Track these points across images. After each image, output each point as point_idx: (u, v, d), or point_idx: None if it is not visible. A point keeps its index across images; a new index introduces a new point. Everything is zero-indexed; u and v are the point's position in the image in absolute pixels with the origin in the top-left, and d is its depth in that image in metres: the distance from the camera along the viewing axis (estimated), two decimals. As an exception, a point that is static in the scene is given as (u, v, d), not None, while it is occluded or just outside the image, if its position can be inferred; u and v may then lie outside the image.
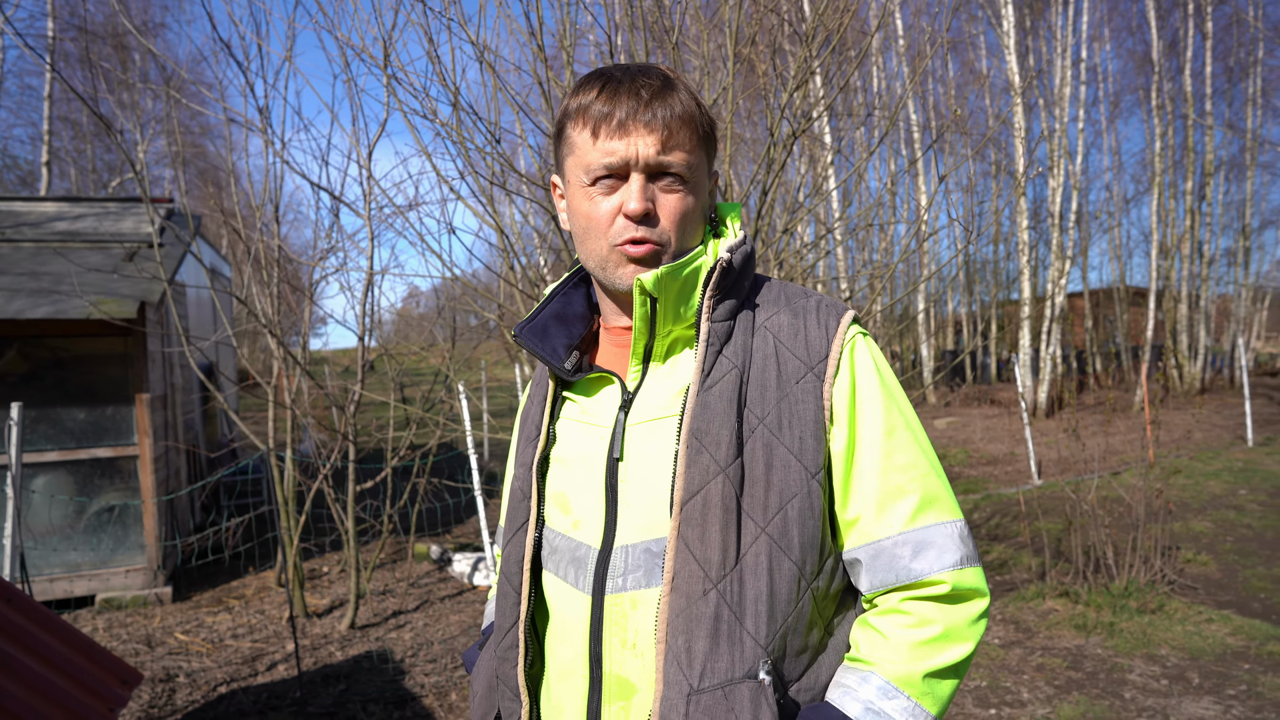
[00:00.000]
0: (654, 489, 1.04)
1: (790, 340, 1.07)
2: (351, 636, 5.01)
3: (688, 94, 1.06)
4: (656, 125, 1.02)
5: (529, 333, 1.15)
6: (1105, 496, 6.34)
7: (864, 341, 1.09)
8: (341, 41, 4.06)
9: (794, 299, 1.12)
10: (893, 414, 1.06)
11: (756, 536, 0.99)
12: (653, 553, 1.03)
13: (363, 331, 5.37)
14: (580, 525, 1.10)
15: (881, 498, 1.03)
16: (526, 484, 1.17)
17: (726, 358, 1.06)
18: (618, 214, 1.05)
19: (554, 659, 1.11)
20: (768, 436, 1.02)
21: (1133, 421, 13.11)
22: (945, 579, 1.00)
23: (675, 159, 1.04)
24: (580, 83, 1.09)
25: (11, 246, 6.51)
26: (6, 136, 18.44)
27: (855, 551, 1.04)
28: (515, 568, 1.15)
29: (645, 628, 1.02)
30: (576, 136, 1.07)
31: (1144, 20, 18.96)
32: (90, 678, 2.45)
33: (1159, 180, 18.43)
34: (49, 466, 5.74)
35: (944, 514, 1.04)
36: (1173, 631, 4.48)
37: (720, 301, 1.08)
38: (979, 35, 19.00)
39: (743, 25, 3.80)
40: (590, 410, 1.14)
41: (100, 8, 16.12)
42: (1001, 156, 19.25)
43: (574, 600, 1.08)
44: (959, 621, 1.01)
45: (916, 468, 1.05)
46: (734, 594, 0.98)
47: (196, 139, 18.46)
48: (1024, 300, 15.41)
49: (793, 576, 0.99)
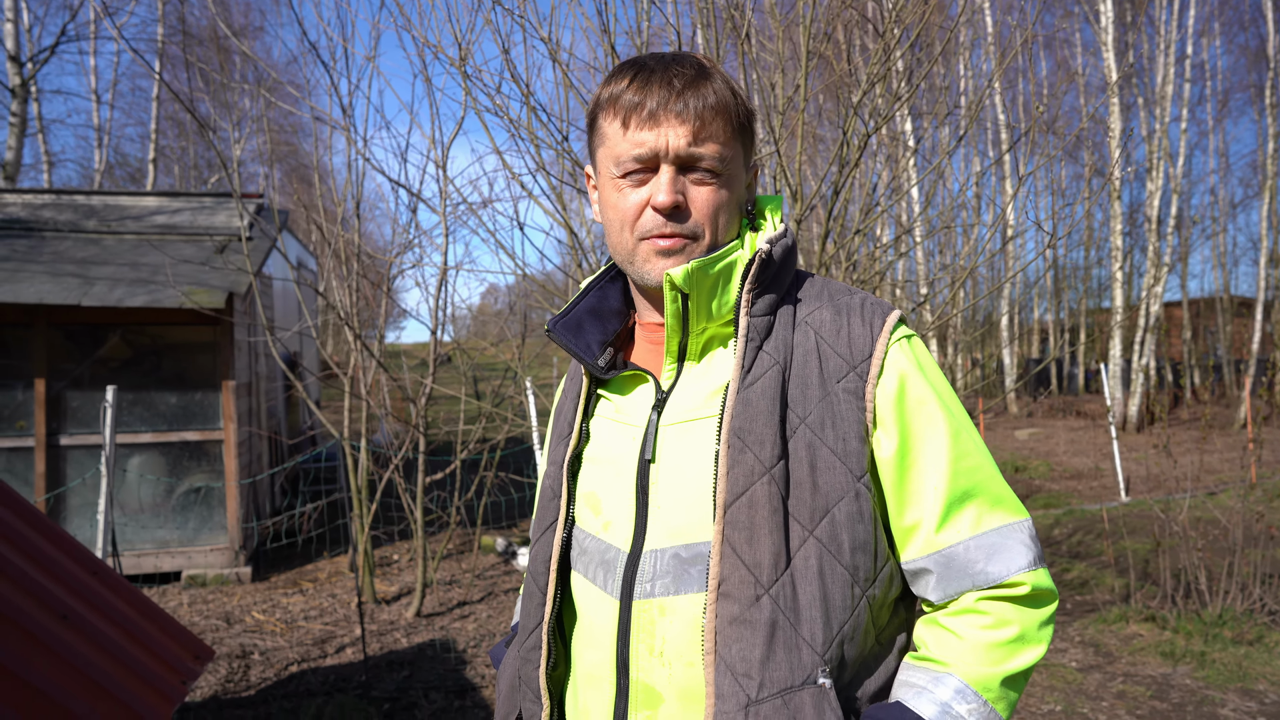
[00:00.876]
0: (685, 492, 1.01)
1: (832, 337, 1.02)
2: (417, 624, 5.12)
3: (723, 83, 1.02)
4: (688, 115, 0.98)
5: (563, 328, 1.12)
6: (1199, 518, 5.98)
7: (911, 343, 1.04)
8: (420, 42, 4.14)
9: (837, 295, 1.07)
10: (952, 418, 1.01)
11: (804, 540, 0.95)
12: (682, 558, 0.99)
13: (435, 326, 5.48)
14: (610, 527, 1.07)
15: (949, 504, 0.98)
16: (557, 482, 1.14)
17: (767, 353, 1.02)
18: (646, 206, 1.02)
19: (580, 663, 1.09)
20: (810, 437, 0.98)
21: (1233, 440, 12.35)
22: (1024, 580, 0.97)
23: (707, 150, 1.00)
24: (613, 72, 1.05)
25: (116, 239, 6.89)
26: (119, 135, 19.60)
27: (922, 560, 0.99)
28: (542, 567, 1.13)
29: (673, 636, 0.98)
30: (607, 127, 1.04)
31: (1259, 13, 17.88)
32: (164, 650, 2.56)
33: (1270, 184, 17.33)
34: (142, 447, 6.05)
35: (1011, 515, 1.00)
36: (1272, 665, 4.19)
37: (759, 295, 1.04)
38: (1074, 32, 18.23)
39: (819, 20, 3.72)
40: (624, 409, 1.11)
41: (204, 12, 16.96)
42: (1096, 158, 18.42)
43: (602, 604, 1.05)
44: (1033, 623, 0.97)
45: (981, 470, 1.00)
46: (787, 599, 0.94)
47: (288, 137, 19.24)
48: (1116, 308, 14.71)
49: (845, 582, 0.95)
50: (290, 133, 19.17)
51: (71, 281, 5.81)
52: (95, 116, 17.24)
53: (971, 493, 0.99)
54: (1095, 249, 21.11)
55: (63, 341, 5.97)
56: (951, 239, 13.71)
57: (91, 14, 15.27)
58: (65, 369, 5.93)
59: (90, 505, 5.87)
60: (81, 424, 5.93)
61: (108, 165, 17.83)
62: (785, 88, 3.72)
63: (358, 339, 5.55)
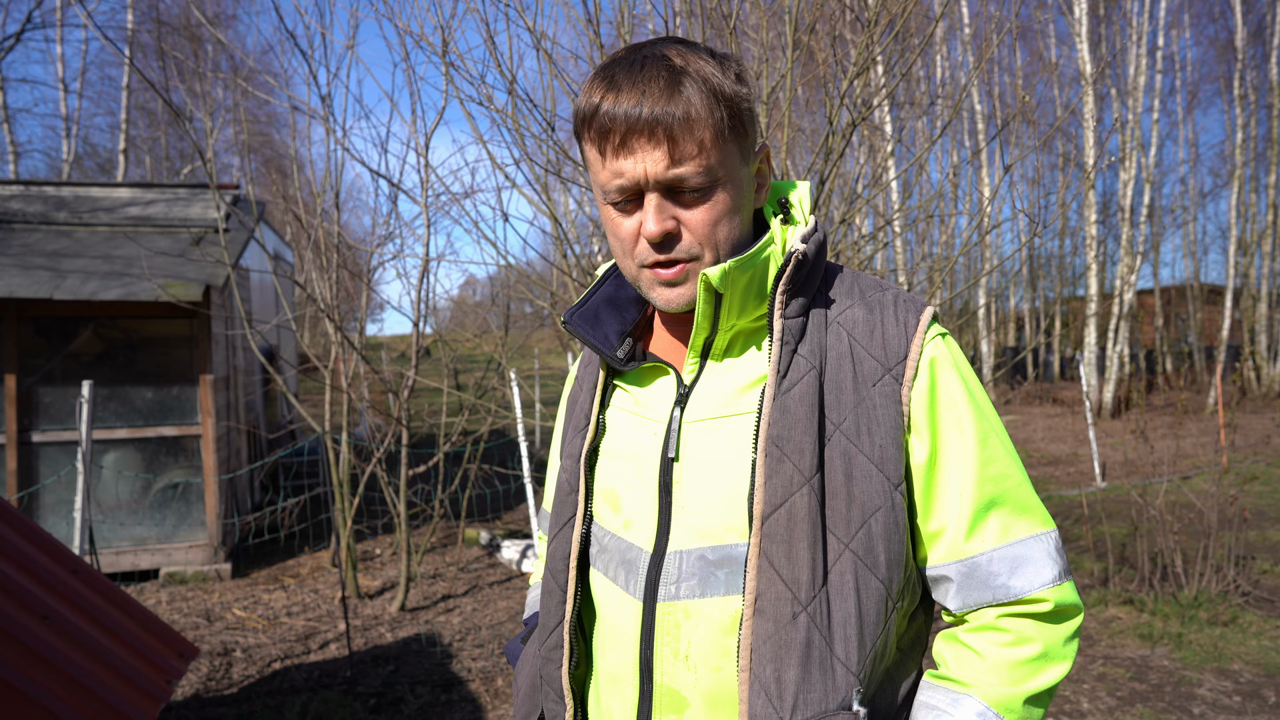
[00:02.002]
0: (712, 493, 0.98)
1: (866, 339, 0.99)
2: (401, 619, 5.09)
3: (698, 85, 0.93)
4: (660, 136, 0.92)
5: (580, 319, 1.09)
6: (1174, 501, 6.09)
7: (945, 342, 1.01)
8: (401, 29, 4.09)
9: (868, 291, 1.04)
10: (982, 422, 0.99)
11: (840, 554, 0.93)
12: (708, 560, 0.97)
13: (418, 318, 5.43)
14: (631, 525, 1.04)
15: (975, 511, 0.96)
16: (574, 477, 1.11)
17: (803, 356, 0.98)
18: (639, 235, 0.98)
19: (603, 663, 1.07)
20: (846, 444, 0.95)
21: (1205, 424, 12.58)
22: (1047, 597, 0.94)
23: (689, 170, 0.93)
24: (587, 83, 1.00)
25: (88, 230, 6.76)
26: (88, 125, 19.22)
27: (944, 568, 0.97)
28: (561, 564, 1.10)
29: (698, 639, 0.97)
30: (589, 152, 0.99)
31: (1227, 6, 18.12)
32: (148, 649, 2.52)
33: (1239, 174, 17.61)
34: (118, 443, 5.95)
35: (1038, 525, 0.98)
36: (1247, 646, 4.28)
37: (793, 296, 1.00)
38: (1049, 23, 18.36)
39: (803, 12, 3.71)
40: (643, 401, 1.08)
41: (176, 0, 16.65)
42: (1070, 148, 18.61)
43: (624, 605, 1.03)
44: (1057, 640, 0.95)
45: (1009, 478, 0.98)
46: (823, 617, 0.91)
47: (263, 127, 18.97)
48: (1090, 296, 14.91)
49: (880, 596, 0.93)
50: (266, 123, 18.90)
51: (43, 275, 5.69)
52: (63, 106, 16.89)
53: (998, 500, 0.97)
54: (1070, 238, 21.37)
55: (33, 336, 5.85)
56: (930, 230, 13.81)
57: (57, 0, 14.94)
58: (36, 364, 5.82)
59: (65, 503, 5.77)
60: (54, 420, 5.82)
61: (76, 156, 17.48)
62: (769, 79, 3.72)
63: (339, 331, 5.49)
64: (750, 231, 1.05)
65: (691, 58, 0.96)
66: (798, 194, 1.08)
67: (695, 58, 0.96)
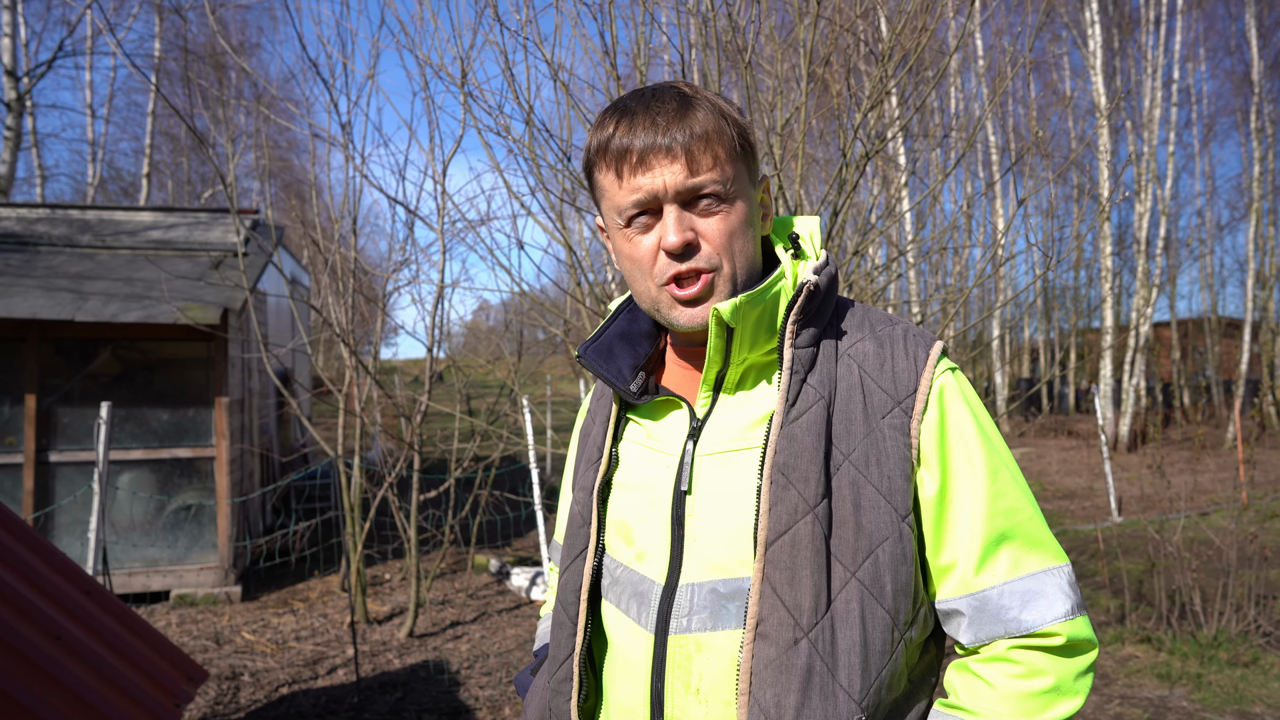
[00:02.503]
0: (724, 525, 0.99)
1: (876, 371, 1.01)
2: (410, 645, 5.07)
3: (709, 108, 1.00)
4: (678, 151, 0.97)
5: (593, 353, 1.11)
6: (1192, 538, 6.00)
7: (955, 376, 1.03)
8: (421, 60, 4.16)
9: (878, 325, 1.05)
10: (993, 456, 0.99)
11: (846, 582, 0.94)
12: (720, 594, 0.98)
13: (432, 343, 5.47)
14: (644, 558, 1.05)
15: (985, 545, 0.96)
16: (587, 509, 1.12)
17: (812, 387, 1.00)
18: (658, 251, 1.00)
19: (613, 696, 1.07)
20: (854, 474, 0.96)
21: (1224, 460, 12.41)
22: (1059, 631, 0.94)
23: (706, 179, 0.98)
24: (598, 119, 1.04)
25: (110, 253, 6.87)
26: (113, 150, 19.57)
27: (954, 602, 0.98)
28: (572, 597, 1.10)
29: (709, 672, 0.97)
30: (603, 179, 1.03)
31: (1244, 39, 18.15)
32: (158, 672, 2.53)
33: (1257, 206, 17.53)
34: (133, 464, 6.00)
35: (1049, 560, 0.98)
36: (1269, 688, 4.19)
37: (804, 327, 1.02)
38: (1063, 56, 18.46)
39: (818, 45, 3.75)
40: (656, 435, 1.09)
41: (202, 29, 17.02)
42: (1085, 180, 18.61)
43: (636, 637, 1.03)
44: (1069, 674, 0.95)
45: (1020, 512, 0.98)
46: (826, 644, 0.92)
47: (284, 153, 19.26)
48: (1106, 329, 14.81)
49: (886, 626, 0.94)
50: (286, 148, 19.20)
51: (65, 296, 5.78)
52: (90, 131, 17.23)
53: (1009, 534, 0.97)
54: (1085, 270, 21.29)
55: (54, 356, 5.93)
56: (944, 260, 13.81)
57: (89, 29, 15.31)
58: (56, 384, 5.89)
59: (79, 523, 5.80)
60: (71, 440, 5.88)
61: (101, 179, 17.80)
62: (783, 110, 3.76)
63: (353, 355, 5.53)
64: (760, 262, 1.07)
65: (699, 89, 1.02)
66: (808, 228, 1.10)
67: (703, 91, 1.02)
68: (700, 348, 1.08)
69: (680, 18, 3.63)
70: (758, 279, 1.06)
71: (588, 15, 3.49)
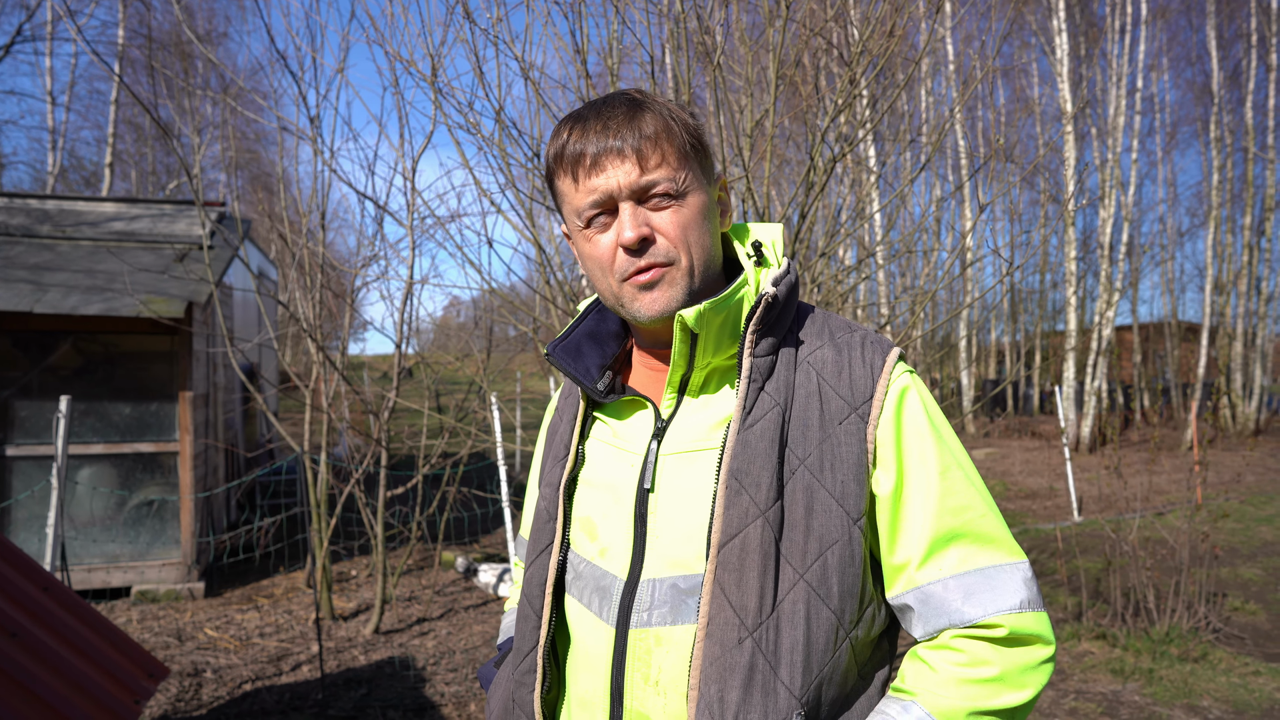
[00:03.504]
0: (685, 523, 1.02)
1: (834, 378, 1.03)
2: (375, 641, 5.04)
3: (659, 111, 1.04)
4: (628, 151, 1.01)
5: (562, 351, 1.13)
6: (1148, 537, 6.15)
7: (911, 379, 1.05)
8: (391, 55, 4.14)
9: (838, 333, 1.08)
10: (944, 454, 1.01)
11: (794, 584, 0.96)
12: (680, 589, 1.00)
13: (400, 339, 5.44)
14: (607, 553, 1.07)
15: (933, 541, 0.98)
16: (553, 505, 1.14)
17: (768, 394, 1.02)
18: (617, 248, 1.03)
19: (574, 687, 1.09)
20: (809, 479, 0.99)
21: (1180, 461, 12.72)
22: (1002, 622, 0.96)
23: (657, 176, 1.01)
24: (554, 131, 1.08)
25: (71, 245, 6.74)
26: (74, 138, 19.16)
27: (904, 597, 1.00)
28: (537, 590, 1.12)
29: (669, 665, 1.00)
30: (561, 185, 1.06)
31: (1204, 50, 18.59)
32: (118, 669, 2.50)
33: (1215, 214, 17.98)
34: (94, 459, 5.89)
35: (1000, 556, 1.00)
36: (1216, 683, 4.32)
37: (763, 336, 1.05)
38: (1031, 63, 18.77)
39: (788, 47, 3.79)
40: (621, 434, 1.12)
41: (167, 16, 16.71)
42: (1051, 185, 18.95)
43: (597, 630, 1.05)
44: (1016, 665, 0.96)
45: (970, 509, 1.00)
46: (769, 643, 0.95)
47: (250, 145, 18.98)
48: (1069, 331, 15.10)
49: (830, 626, 0.96)
50: (254, 140, 18.92)
51: (24, 288, 5.66)
52: (50, 118, 16.85)
53: (959, 533, 0.99)
54: (1050, 273, 21.68)
55: (11, 348, 5.80)
56: (913, 262, 13.99)
57: (49, 14, 14.96)
58: (13, 377, 5.76)
59: (37, 518, 5.69)
60: (29, 434, 5.76)
61: (61, 169, 17.41)
62: (753, 111, 3.79)
63: (320, 350, 5.48)
64: (720, 257, 1.10)
65: (650, 95, 1.06)
66: (770, 235, 1.13)
67: (653, 96, 1.06)
68: (665, 349, 1.11)
69: (652, 19, 3.64)
70: (718, 275, 1.09)
71: (559, 14, 3.50)
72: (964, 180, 5.29)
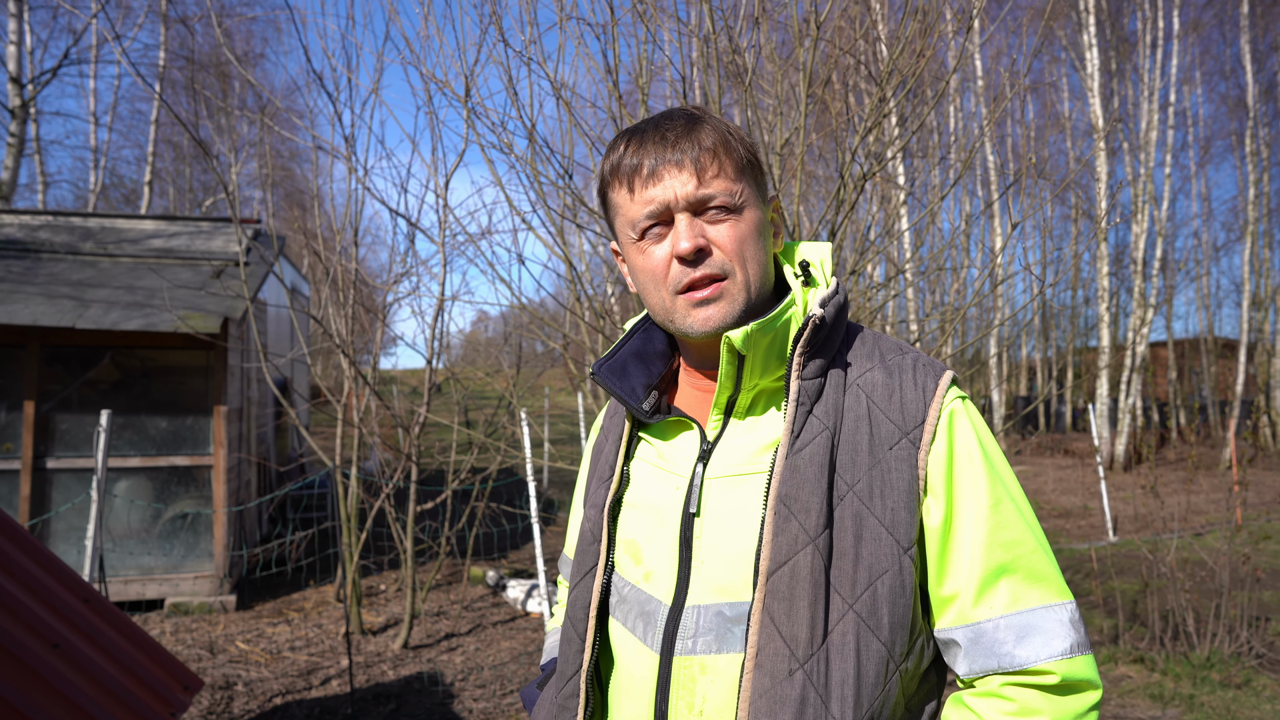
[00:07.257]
0: (731, 549, 1.00)
1: (884, 402, 1.01)
2: (404, 656, 5.06)
3: (716, 126, 1.04)
4: (687, 163, 1.00)
5: (608, 370, 1.12)
6: (1186, 559, 6.01)
7: (964, 406, 1.02)
8: (426, 76, 4.21)
9: (888, 354, 1.06)
10: (997, 486, 0.98)
11: (844, 614, 0.94)
12: (725, 617, 0.98)
13: (431, 355, 5.49)
14: (651, 577, 1.05)
15: (983, 577, 0.95)
16: (598, 527, 1.12)
17: (817, 418, 1.00)
18: (671, 259, 1.02)
19: (617, 713, 1.08)
20: (858, 506, 0.96)
21: (1218, 481, 12.44)
22: (1054, 669, 0.92)
23: (715, 188, 1.01)
24: (610, 145, 1.08)
25: (112, 261, 6.90)
26: (115, 157, 19.63)
27: (951, 632, 0.97)
28: (581, 614, 1.11)
29: (713, 695, 0.98)
30: (616, 197, 1.06)
31: (1239, 64, 18.31)
32: (155, 680, 2.54)
33: (1252, 229, 17.64)
34: (130, 472, 6.00)
35: (1051, 595, 0.96)
36: (1260, 710, 4.20)
37: (811, 358, 1.03)
38: (1061, 78, 18.62)
39: (817, 66, 3.80)
40: (667, 455, 1.10)
41: (207, 38, 17.13)
42: (1082, 201, 18.73)
43: (641, 656, 1.04)
44: (1066, 713, 0.92)
45: (1022, 544, 0.97)
46: (820, 675, 0.92)
47: (286, 163, 19.34)
48: (1103, 348, 14.87)
49: (881, 658, 0.94)
50: (288, 158, 19.28)
51: (67, 304, 5.80)
52: (93, 138, 17.29)
53: (1009, 567, 0.96)
54: (1082, 289, 21.39)
55: (53, 363, 5.94)
56: (941, 278, 13.88)
57: (94, 38, 15.40)
58: (54, 391, 5.90)
59: (76, 530, 5.80)
60: (69, 447, 5.88)
61: (103, 187, 17.84)
62: (783, 129, 3.80)
63: (352, 365, 5.55)
64: (772, 276, 1.09)
65: (706, 111, 1.06)
66: (819, 255, 1.11)
67: (709, 112, 1.07)
68: (713, 369, 1.09)
69: (682, 39, 3.67)
70: (769, 295, 1.08)
71: (591, 35, 3.54)
72: (994, 197, 5.25)
